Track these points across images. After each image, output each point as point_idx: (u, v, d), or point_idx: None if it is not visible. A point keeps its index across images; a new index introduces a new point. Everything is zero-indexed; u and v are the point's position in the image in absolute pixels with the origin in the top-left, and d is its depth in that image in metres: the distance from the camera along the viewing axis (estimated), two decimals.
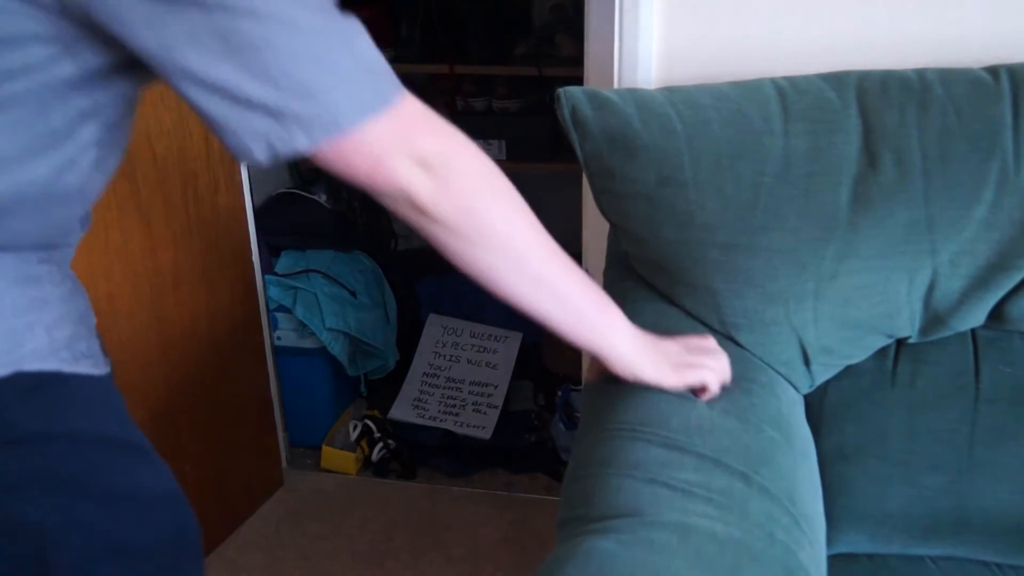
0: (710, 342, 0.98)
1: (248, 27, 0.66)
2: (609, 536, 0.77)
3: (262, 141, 0.70)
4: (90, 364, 0.85)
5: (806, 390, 1.08)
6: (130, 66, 0.74)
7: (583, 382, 1.15)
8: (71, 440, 0.83)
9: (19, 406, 0.79)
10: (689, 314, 1.06)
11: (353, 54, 0.72)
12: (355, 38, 0.73)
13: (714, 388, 0.93)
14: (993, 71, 1.07)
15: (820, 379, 1.08)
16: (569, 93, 1.06)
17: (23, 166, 0.74)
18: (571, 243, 1.62)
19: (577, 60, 1.56)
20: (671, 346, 0.95)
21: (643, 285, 1.11)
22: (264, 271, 1.97)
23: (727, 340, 1.04)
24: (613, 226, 1.11)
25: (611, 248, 1.22)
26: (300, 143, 0.70)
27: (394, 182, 0.75)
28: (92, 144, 0.79)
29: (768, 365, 1.04)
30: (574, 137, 1.06)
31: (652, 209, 1.03)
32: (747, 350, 1.04)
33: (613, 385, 0.95)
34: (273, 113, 0.69)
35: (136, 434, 0.91)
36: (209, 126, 0.71)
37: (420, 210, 0.76)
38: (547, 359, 2.26)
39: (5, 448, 0.79)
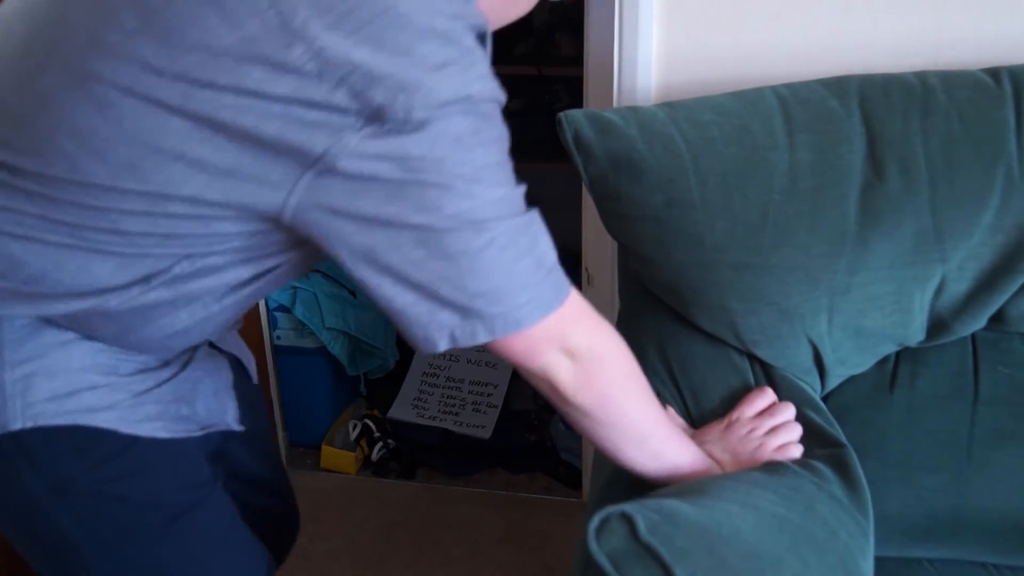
0: (766, 397, 1.00)
1: (450, 243, 0.71)
2: (675, 498, 0.79)
3: (446, 332, 0.75)
4: (158, 427, 0.88)
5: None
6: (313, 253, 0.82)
7: None
8: (120, 502, 0.87)
9: (72, 459, 0.84)
10: (706, 332, 1.06)
11: (537, 256, 0.76)
12: (539, 237, 0.77)
13: (796, 453, 0.95)
14: (994, 73, 1.07)
15: (832, 386, 1.08)
16: (571, 117, 1.05)
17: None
18: (571, 243, 1.63)
19: (577, 60, 1.56)
20: (739, 435, 0.96)
21: (659, 305, 1.10)
22: None
23: (745, 356, 1.05)
24: (622, 246, 1.10)
25: (621, 267, 1.21)
26: (481, 338, 0.75)
27: (542, 368, 0.80)
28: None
29: (792, 375, 1.04)
30: (578, 161, 1.05)
31: (661, 231, 1.02)
32: (769, 364, 1.04)
33: None
34: (461, 312, 0.74)
35: (192, 496, 0.92)
36: (395, 318, 0.76)
37: (560, 396, 0.82)
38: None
39: (54, 496, 0.85)
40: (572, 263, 1.64)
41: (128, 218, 0.74)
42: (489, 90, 0.72)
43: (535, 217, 0.77)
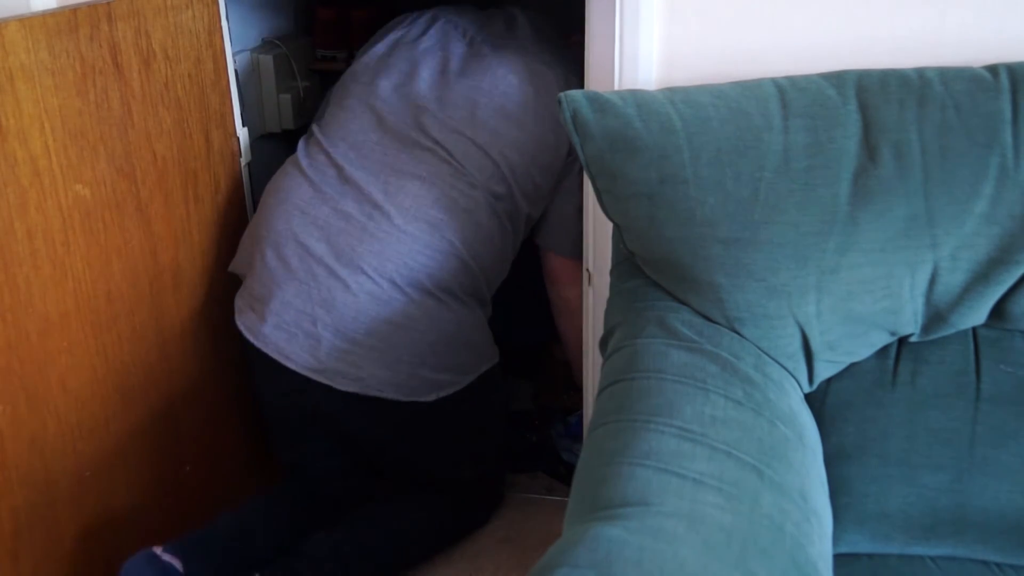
0: None
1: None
2: (616, 523, 0.77)
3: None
4: None
5: (808, 388, 1.08)
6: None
7: None
8: None
9: None
10: (695, 310, 1.06)
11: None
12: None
13: None
14: (992, 69, 1.08)
15: (822, 376, 1.08)
16: (570, 97, 1.06)
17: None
18: None
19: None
20: None
21: (650, 284, 1.11)
22: None
23: (733, 334, 1.04)
24: (617, 226, 1.11)
25: (616, 247, 1.22)
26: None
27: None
28: None
29: (774, 360, 1.04)
30: (576, 140, 1.06)
31: (654, 208, 1.03)
32: (753, 344, 1.04)
33: (627, 379, 0.97)
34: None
35: None
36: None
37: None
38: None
39: None
40: None
41: None
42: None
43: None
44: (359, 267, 1.53)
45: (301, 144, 1.70)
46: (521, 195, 1.62)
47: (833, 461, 1.05)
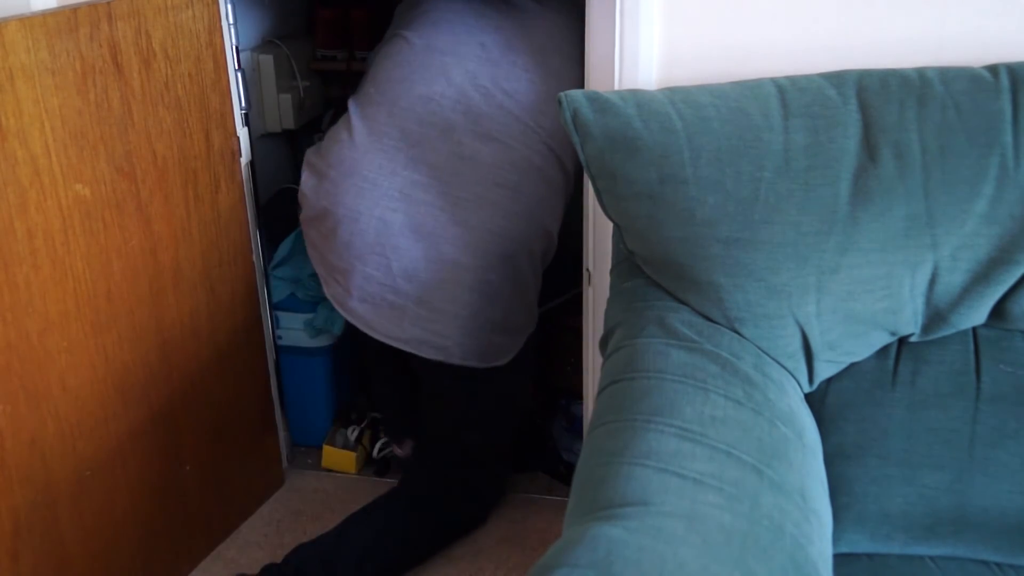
0: None
1: None
2: (616, 523, 0.77)
3: None
4: None
5: (808, 388, 1.08)
6: None
7: None
8: None
9: None
10: (695, 310, 1.06)
11: None
12: None
13: None
14: (993, 69, 1.08)
15: (822, 376, 1.08)
16: (570, 97, 1.06)
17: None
18: (572, 244, 1.63)
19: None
20: None
21: (650, 283, 1.11)
22: (267, 266, 1.97)
23: (733, 334, 1.04)
24: (617, 226, 1.11)
25: (616, 247, 1.22)
26: None
27: None
28: None
29: (774, 359, 1.04)
30: (576, 140, 1.06)
31: (654, 207, 1.03)
32: (753, 344, 1.04)
33: (627, 379, 0.97)
34: None
35: None
36: None
37: None
38: (548, 375, 2.25)
39: None
40: (572, 263, 1.65)
41: None
42: None
43: None
44: (440, 236, 1.52)
45: (352, 106, 1.65)
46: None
47: (833, 461, 1.05)
